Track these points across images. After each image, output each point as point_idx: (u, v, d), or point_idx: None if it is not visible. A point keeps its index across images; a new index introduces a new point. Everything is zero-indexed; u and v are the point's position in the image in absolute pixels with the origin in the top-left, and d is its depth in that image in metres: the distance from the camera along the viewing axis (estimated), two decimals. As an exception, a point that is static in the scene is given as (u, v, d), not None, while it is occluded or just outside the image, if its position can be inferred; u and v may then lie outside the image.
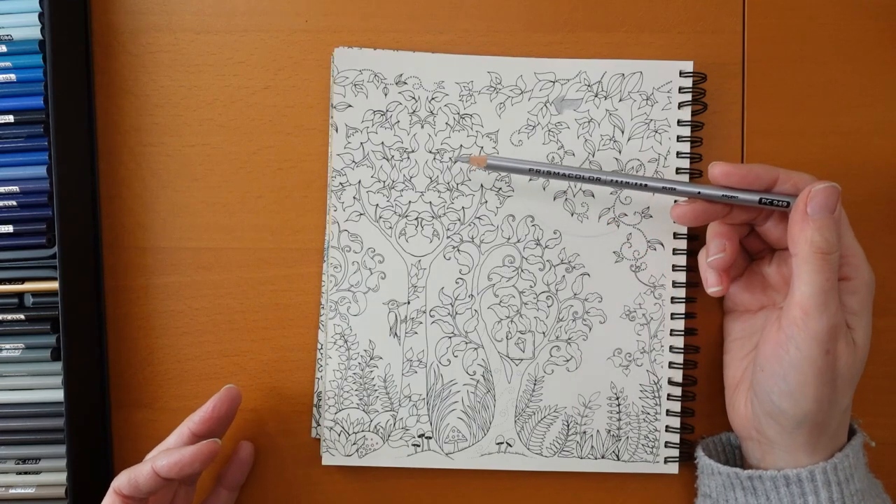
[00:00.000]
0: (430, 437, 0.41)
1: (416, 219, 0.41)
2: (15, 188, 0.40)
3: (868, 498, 0.35)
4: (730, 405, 0.39)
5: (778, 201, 0.35)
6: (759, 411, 0.36)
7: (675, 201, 0.37)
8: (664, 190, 0.37)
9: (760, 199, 0.35)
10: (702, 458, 0.39)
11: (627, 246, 0.41)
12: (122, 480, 0.34)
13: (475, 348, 0.41)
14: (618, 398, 0.41)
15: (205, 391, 0.42)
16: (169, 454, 0.34)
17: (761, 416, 0.36)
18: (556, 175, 0.38)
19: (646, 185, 0.37)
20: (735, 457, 0.40)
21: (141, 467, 0.34)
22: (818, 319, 0.33)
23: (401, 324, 0.41)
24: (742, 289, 0.39)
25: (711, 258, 0.37)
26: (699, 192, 0.36)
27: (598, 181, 0.37)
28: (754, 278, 0.39)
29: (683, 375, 0.41)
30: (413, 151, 0.41)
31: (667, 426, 0.41)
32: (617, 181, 0.37)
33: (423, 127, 0.41)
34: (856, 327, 0.35)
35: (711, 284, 0.37)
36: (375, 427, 0.41)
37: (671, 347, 0.41)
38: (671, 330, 0.41)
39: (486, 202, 0.41)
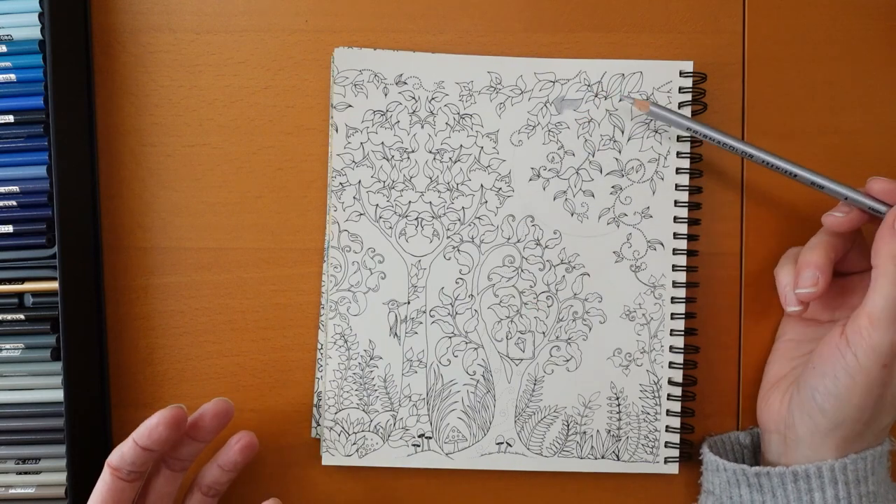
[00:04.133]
0: (430, 437, 0.41)
1: (416, 219, 0.41)
2: (15, 188, 0.40)
3: (883, 502, 0.35)
4: (763, 399, 0.39)
5: None
6: (797, 408, 0.36)
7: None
8: (813, 184, 0.36)
9: None
10: (707, 455, 0.39)
11: (627, 246, 0.41)
12: (112, 453, 0.36)
13: (475, 348, 0.41)
14: (618, 398, 0.41)
15: (205, 391, 0.42)
16: (143, 423, 0.36)
17: (797, 413, 0.36)
18: (710, 138, 0.37)
19: (795, 175, 0.36)
20: (743, 456, 0.40)
21: (126, 440, 0.36)
22: (884, 333, 0.33)
23: (401, 324, 0.41)
24: (820, 301, 0.38)
25: (801, 291, 0.36)
26: (846, 197, 0.35)
27: (750, 157, 0.37)
28: (834, 292, 0.38)
29: (683, 375, 0.41)
30: (413, 151, 0.41)
31: (667, 426, 0.41)
32: (767, 162, 0.37)
33: (423, 127, 0.41)
34: None
35: (791, 304, 0.37)
36: (375, 427, 0.41)
37: (671, 347, 0.41)
38: (671, 330, 0.41)
39: (486, 202, 0.41)
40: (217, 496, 0.39)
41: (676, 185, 0.40)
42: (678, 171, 0.40)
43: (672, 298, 0.41)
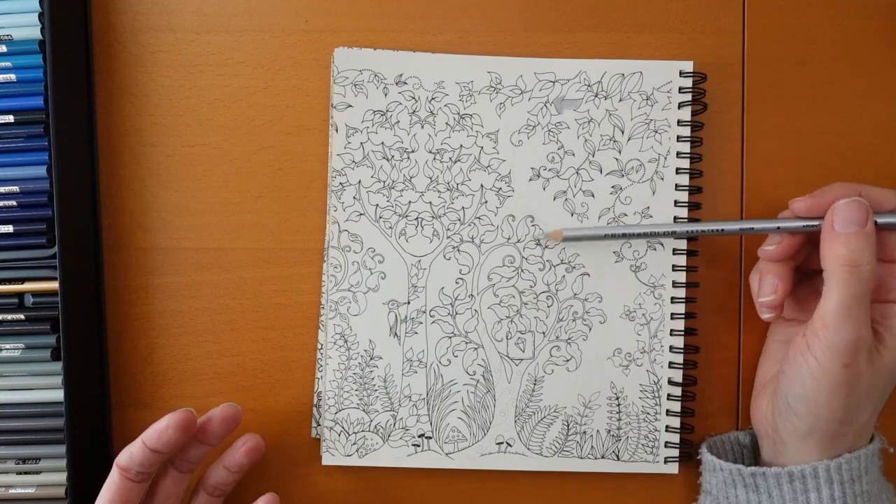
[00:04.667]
0: (430, 437, 0.41)
1: (416, 219, 0.41)
2: (15, 188, 0.40)
3: (876, 501, 0.35)
4: (753, 402, 0.40)
5: None
6: (776, 412, 0.37)
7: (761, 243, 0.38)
8: (742, 230, 0.38)
9: None
10: (705, 455, 0.39)
11: (627, 246, 0.41)
12: (121, 453, 0.36)
13: (475, 348, 0.41)
14: (618, 398, 0.41)
15: (205, 391, 0.42)
16: (153, 425, 0.36)
17: (777, 417, 0.37)
18: (633, 236, 0.39)
19: (722, 230, 0.38)
20: (743, 456, 0.40)
21: (135, 441, 0.36)
22: (836, 332, 0.33)
23: (401, 324, 0.41)
24: (794, 301, 0.39)
25: (763, 299, 0.37)
26: (778, 228, 0.36)
27: (672, 234, 0.39)
28: (808, 291, 0.39)
29: (683, 375, 0.41)
30: (413, 151, 0.41)
31: (667, 426, 0.41)
32: (693, 231, 0.39)
33: (423, 127, 0.41)
34: (892, 348, 0.35)
35: (763, 313, 0.38)
36: (375, 427, 0.41)
37: (671, 347, 0.41)
38: (671, 330, 0.41)
39: (486, 202, 0.41)
40: (222, 496, 0.40)
41: (676, 185, 0.40)
42: (678, 171, 0.40)
43: (672, 298, 0.41)
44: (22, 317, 0.41)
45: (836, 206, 0.34)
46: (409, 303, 0.41)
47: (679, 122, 0.40)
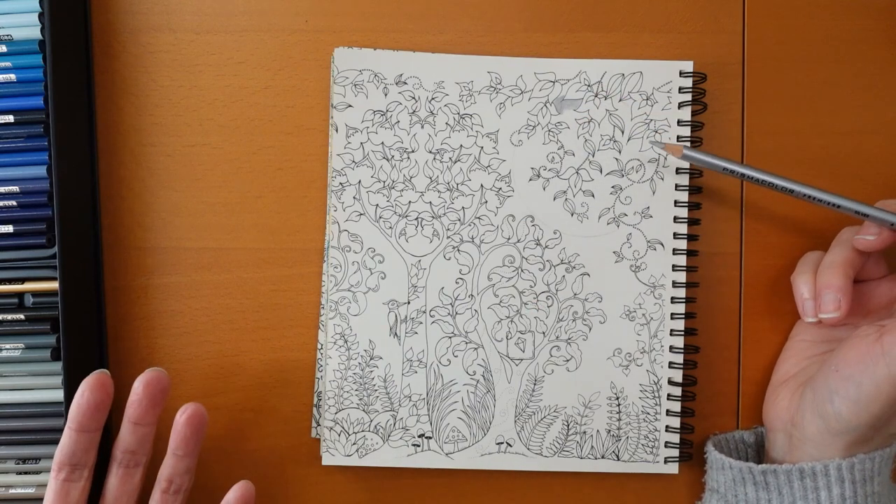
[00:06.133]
0: (430, 437, 0.41)
1: (416, 219, 0.41)
2: (15, 188, 0.40)
3: (886, 502, 0.35)
4: (771, 397, 0.39)
5: None
6: (809, 408, 0.36)
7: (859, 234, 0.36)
8: (857, 214, 0.36)
9: None
10: (712, 453, 0.39)
11: (627, 246, 0.41)
12: (55, 455, 0.36)
13: (475, 348, 0.41)
14: (618, 398, 0.41)
15: (205, 391, 0.42)
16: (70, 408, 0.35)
17: (808, 413, 0.36)
18: (750, 178, 0.37)
19: (838, 206, 0.36)
20: (747, 454, 0.40)
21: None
22: None
23: (401, 324, 0.41)
24: None
25: (825, 316, 0.36)
26: (893, 224, 0.35)
27: (790, 192, 0.36)
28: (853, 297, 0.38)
29: (683, 375, 0.41)
30: (413, 151, 0.41)
31: (667, 426, 0.41)
32: (810, 195, 0.36)
33: (423, 127, 0.41)
34: None
35: (809, 317, 0.37)
36: (375, 427, 0.41)
37: (671, 347, 0.41)
38: (671, 330, 0.41)
39: (486, 202, 0.41)
40: (180, 493, 0.38)
41: (676, 185, 0.40)
42: (678, 171, 0.40)
43: (672, 298, 0.41)
44: (22, 317, 0.41)
45: None
46: (409, 303, 0.41)
47: (679, 122, 0.40)
